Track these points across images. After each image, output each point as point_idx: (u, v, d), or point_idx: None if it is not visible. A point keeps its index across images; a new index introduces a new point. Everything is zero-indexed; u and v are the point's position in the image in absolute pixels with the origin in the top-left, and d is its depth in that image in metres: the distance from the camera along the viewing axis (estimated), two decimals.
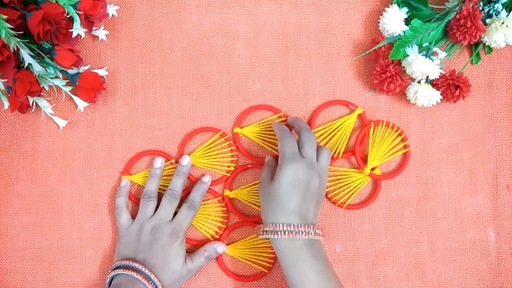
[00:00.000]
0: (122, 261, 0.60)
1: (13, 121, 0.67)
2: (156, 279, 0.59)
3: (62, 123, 0.66)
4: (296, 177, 0.57)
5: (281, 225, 0.56)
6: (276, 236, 0.56)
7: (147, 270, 0.59)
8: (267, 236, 0.57)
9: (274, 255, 0.65)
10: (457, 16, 0.61)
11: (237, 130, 0.66)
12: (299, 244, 0.56)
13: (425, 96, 0.62)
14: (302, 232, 0.56)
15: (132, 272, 0.58)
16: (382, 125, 0.66)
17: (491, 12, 0.62)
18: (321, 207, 0.61)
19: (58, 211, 0.66)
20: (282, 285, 0.66)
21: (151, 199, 0.63)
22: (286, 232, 0.56)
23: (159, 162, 0.65)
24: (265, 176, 0.61)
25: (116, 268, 0.60)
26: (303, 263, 0.56)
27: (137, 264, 0.59)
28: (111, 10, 0.66)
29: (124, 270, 0.59)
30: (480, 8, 0.61)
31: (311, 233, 0.57)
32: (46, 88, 0.64)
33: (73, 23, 0.59)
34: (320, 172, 0.59)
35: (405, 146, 0.66)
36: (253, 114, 0.67)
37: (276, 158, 0.64)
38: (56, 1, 0.58)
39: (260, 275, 0.65)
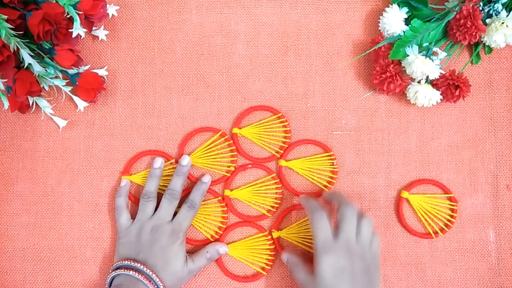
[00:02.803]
0: (123, 261, 0.60)
1: (13, 121, 0.67)
2: (157, 279, 0.58)
3: (62, 123, 0.66)
4: (337, 265, 0.55)
5: None
6: None
7: (148, 271, 0.59)
8: None
9: (273, 256, 0.65)
10: (457, 16, 0.61)
11: (235, 130, 0.66)
12: None
13: (425, 96, 0.62)
14: None
15: (134, 273, 0.58)
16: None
17: (491, 12, 0.62)
18: (379, 279, 0.57)
19: (58, 211, 0.66)
20: (282, 285, 0.65)
21: (151, 199, 0.63)
22: None
23: (158, 162, 0.65)
24: (302, 277, 0.58)
25: (117, 269, 0.60)
26: None
27: (139, 265, 0.59)
28: (111, 10, 0.66)
29: (125, 270, 0.59)
30: (480, 8, 0.61)
31: None
32: (46, 88, 0.64)
33: (73, 23, 0.59)
34: (362, 247, 0.56)
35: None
36: (253, 115, 0.67)
37: (293, 252, 0.63)
38: (56, 1, 0.58)
39: (260, 276, 0.65)
